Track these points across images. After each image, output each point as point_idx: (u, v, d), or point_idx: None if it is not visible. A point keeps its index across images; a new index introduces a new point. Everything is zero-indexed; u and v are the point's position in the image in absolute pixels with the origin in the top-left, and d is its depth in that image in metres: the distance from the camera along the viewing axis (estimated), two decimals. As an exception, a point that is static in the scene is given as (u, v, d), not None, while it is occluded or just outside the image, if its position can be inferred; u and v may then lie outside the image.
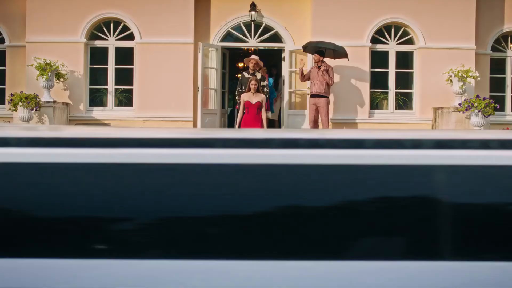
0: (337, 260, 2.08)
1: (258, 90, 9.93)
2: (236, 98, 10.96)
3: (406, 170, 2.15)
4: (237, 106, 10.73)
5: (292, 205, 2.14)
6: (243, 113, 9.93)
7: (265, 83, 10.82)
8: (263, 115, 9.96)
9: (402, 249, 2.12)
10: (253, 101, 9.81)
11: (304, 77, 10.88)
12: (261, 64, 11.06)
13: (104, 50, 11.78)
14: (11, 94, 10.78)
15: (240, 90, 10.69)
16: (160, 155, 2.15)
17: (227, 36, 12.02)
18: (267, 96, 10.77)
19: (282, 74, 12.10)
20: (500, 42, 12.37)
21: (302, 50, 11.23)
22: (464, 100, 10.76)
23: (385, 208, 2.14)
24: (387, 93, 11.91)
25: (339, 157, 2.15)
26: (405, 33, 11.82)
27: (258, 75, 10.72)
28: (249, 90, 9.95)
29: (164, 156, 2.14)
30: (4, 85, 11.96)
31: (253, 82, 9.92)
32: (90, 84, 11.81)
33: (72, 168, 2.13)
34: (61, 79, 11.30)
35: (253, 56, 11.02)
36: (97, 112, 11.64)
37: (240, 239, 2.10)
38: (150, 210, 2.12)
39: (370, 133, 2.36)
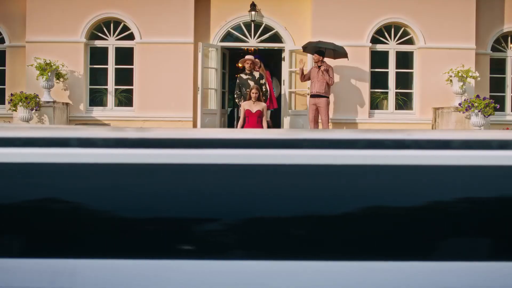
0: (427, 261, 2.09)
1: (259, 98, 9.74)
2: (236, 101, 10.87)
3: (492, 171, 2.15)
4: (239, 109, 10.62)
5: (378, 206, 2.15)
6: (244, 121, 9.75)
7: (264, 81, 10.77)
8: (264, 123, 9.78)
9: (488, 250, 2.13)
10: (254, 110, 9.60)
11: (304, 77, 10.88)
12: (258, 62, 11.01)
13: (104, 50, 11.78)
14: (11, 94, 10.78)
15: (238, 93, 10.65)
16: (254, 156, 2.15)
17: (227, 36, 12.02)
18: (267, 93, 10.72)
19: (282, 74, 12.08)
20: (500, 42, 12.37)
21: (302, 50, 11.23)
22: (464, 100, 10.76)
23: (472, 209, 2.15)
24: (387, 93, 11.91)
25: (425, 158, 2.16)
26: (405, 33, 11.83)
27: (256, 74, 10.70)
28: (249, 98, 9.78)
29: (257, 156, 2.14)
30: (4, 85, 11.96)
31: (253, 90, 9.71)
32: (90, 84, 11.81)
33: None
34: (61, 79, 11.30)
35: (247, 57, 10.99)
36: (97, 112, 11.65)
37: (331, 240, 2.11)
38: (239, 210, 2.13)
39: (456, 133, 2.36)
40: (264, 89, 10.51)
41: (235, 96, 10.91)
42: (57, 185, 2.12)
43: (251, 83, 10.43)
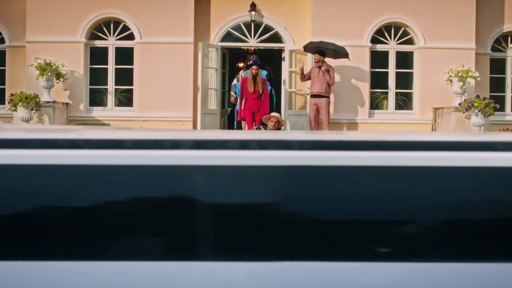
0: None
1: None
2: None
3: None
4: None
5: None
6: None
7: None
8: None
9: None
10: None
11: (304, 77, 10.87)
12: (283, 123, 10.11)
13: (104, 50, 11.78)
14: (11, 94, 10.77)
15: None
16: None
17: (227, 36, 12.02)
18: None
19: (282, 74, 12.07)
20: (500, 42, 12.37)
21: (302, 50, 11.22)
22: (464, 100, 10.76)
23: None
24: (387, 93, 11.90)
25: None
26: (405, 33, 11.82)
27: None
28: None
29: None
30: (4, 85, 11.96)
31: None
32: (90, 84, 11.81)
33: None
34: (61, 79, 11.30)
35: (273, 114, 9.87)
36: (97, 112, 11.64)
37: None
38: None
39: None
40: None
41: None
42: None
43: None
